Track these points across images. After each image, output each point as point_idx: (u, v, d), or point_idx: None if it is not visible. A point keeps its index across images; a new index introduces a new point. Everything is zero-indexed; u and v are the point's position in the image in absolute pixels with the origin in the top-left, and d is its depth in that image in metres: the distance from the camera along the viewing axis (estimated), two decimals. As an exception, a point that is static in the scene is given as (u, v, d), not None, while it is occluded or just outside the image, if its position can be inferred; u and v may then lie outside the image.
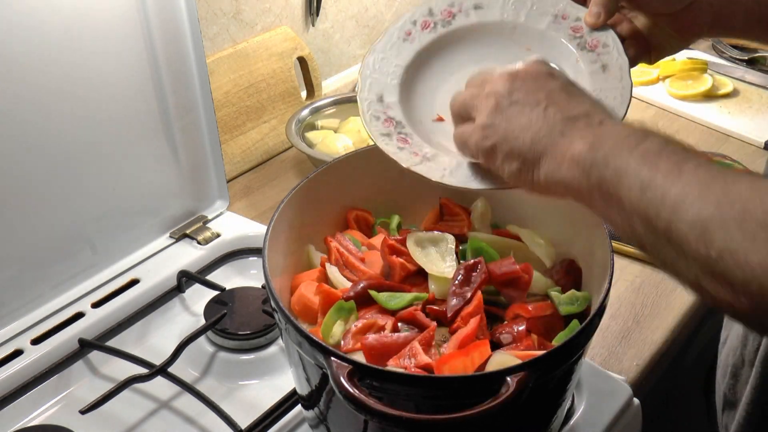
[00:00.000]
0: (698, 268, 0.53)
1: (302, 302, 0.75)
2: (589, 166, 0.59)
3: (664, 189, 0.55)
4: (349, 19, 1.53)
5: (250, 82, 1.29)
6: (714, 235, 0.51)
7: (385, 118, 0.80)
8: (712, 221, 0.52)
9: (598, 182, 0.59)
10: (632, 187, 0.57)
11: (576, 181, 0.61)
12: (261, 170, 1.31)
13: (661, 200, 0.55)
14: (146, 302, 0.98)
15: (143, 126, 1.00)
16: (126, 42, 0.94)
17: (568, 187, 0.62)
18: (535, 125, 0.63)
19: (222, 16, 1.29)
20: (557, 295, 0.73)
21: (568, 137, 0.62)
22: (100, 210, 0.98)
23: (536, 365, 0.60)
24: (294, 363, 0.71)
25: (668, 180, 0.55)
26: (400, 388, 0.61)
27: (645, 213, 0.56)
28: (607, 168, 0.58)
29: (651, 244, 0.57)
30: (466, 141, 0.68)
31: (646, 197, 0.56)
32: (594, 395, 0.84)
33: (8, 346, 0.90)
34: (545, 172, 0.62)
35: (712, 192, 0.53)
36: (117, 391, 0.83)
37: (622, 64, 0.77)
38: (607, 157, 0.59)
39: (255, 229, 1.09)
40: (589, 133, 0.61)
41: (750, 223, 0.50)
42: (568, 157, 0.61)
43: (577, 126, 0.62)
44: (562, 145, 0.62)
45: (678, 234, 0.53)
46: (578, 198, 0.62)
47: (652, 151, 0.57)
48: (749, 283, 0.50)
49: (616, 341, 0.96)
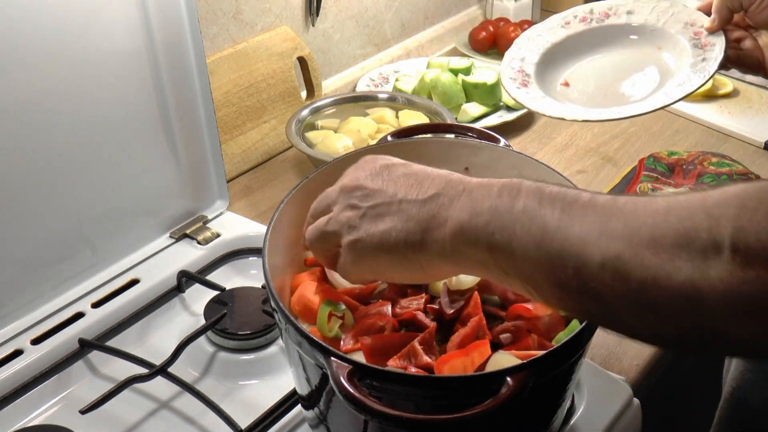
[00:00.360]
0: (621, 309, 0.50)
1: (302, 302, 0.75)
2: (474, 238, 0.56)
3: (562, 237, 0.52)
4: (349, 19, 1.53)
5: (250, 82, 1.30)
6: (629, 269, 0.49)
7: (518, 69, 1.10)
8: (621, 256, 0.49)
9: (490, 251, 0.55)
10: (526, 245, 0.53)
11: (465, 258, 0.57)
12: (261, 170, 1.31)
13: (561, 250, 0.52)
14: (146, 302, 0.98)
15: (143, 126, 1.00)
16: (126, 42, 0.94)
17: (460, 265, 0.59)
18: (399, 220, 0.60)
19: (222, 16, 1.29)
20: (557, 295, 0.73)
21: (440, 215, 0.58)
22: (100, 210, 0.98)
23: (536, 365, 0.60)
24: (294, 363, 0.71)
25: (562, 228, 0.52)
26: (400, 388, 0.61)
27: (547, 267, 0.52)
28: (494, 234, 0.55)
29: (567, 302, 0.54)
30: (347, 270, 0.65)
31: (544, 251, 0.52)
32: (594, 395, 0.84)
33: (8, 346, 0.90)
34: (432, 257, 0.59)
35: (612, 227, 0.50)
36: (117, 391, 0.83)
37: (717, 57, 1.00)
38: (490, 221, 0.55)
39: (255, 229, 1.09)
40: (459, 203, 0.58)
41: (663, 246, 0.48)
42: (449, 235, 0.57)
43: (441, 203, 0.59)
44: (437, 225, 0.58)
45: (590, 279, 0.50)
46: (470, 271, 0.60)
47: (532, 202, 0.54)
48: (678, 305, 0.48)
49: (616, 341, 0.96)
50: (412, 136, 0.89)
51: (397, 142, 0.87)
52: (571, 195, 0.54)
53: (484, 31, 1.68)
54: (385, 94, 1.38)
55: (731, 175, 1.20)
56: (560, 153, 1.37)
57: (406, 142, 0.87)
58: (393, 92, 1.42)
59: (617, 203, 0.52)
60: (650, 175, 1.23)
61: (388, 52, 1.64)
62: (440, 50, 1.74)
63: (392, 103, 1.35)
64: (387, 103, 1.35)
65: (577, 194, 0.54)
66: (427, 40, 1.72)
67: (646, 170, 1.24)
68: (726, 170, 1.21)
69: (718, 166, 1.23)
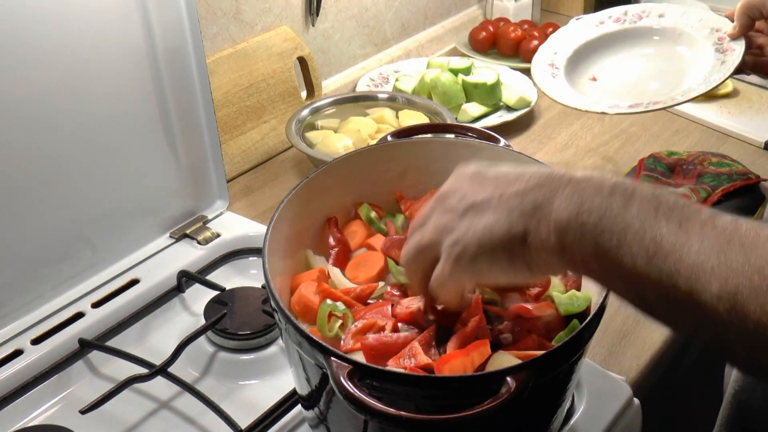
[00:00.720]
0: (734, 342, 0.48)
1: (302, 302, 0.75)
2: (579, 234, 0.53)
3: (677, 256, 0.49)
4: (349, 19, 1.53)
5: (250, 82, 1.30)
6: (747, 309, 0.46)
7: (549, 62, 1.21)
8: (740, 294, 0.47)
9: (595, 250, 0.53)
10: (637, 255, 0.51)
11: (570, 254, 0.55)
12: (261, 170, 1.31)
13: (674, 270, 0.49)
14: (146, 302, 0.98)
15: (143, 126, 1.00)
16: (126, 42, 0.94)
17: (565, 261, 0.56)
18: (501, 214, 0.58)
19: (222, 16, 1.29)
20: (557, 295, 0.73)
21: (544, 206, 0.56)
22: (100, 210, 0.98)
23: (536, 365, 0.60)
24: (294, 363, 0.71)
25: (678, 245, 0.49)
26: (400, 388, 0.61)
27: (657, 282, 0.50)
28: (602, 234, 0.52)
29: (666, 312, 0.52)
30: (445, 275, 0.61)
31: (655, 265, 0.50)
32: (594, 395, 0.84)
33: (8, 346, 0.90)
34: (537, 251, 0.57)
35: (732, 258, 0.48)
36: (117, 391, 0.83)
37: (734, 60, 1.07)
38: (600, 220, 0.52)
39: (255, 229, 1.09)
40: (564, 195, 0.55)
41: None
42: (553, 228, 0.55)
43: (545, 192, 0.56)
44: (542, 216, 0.56)
45: (703, 305, 0.48)
46: (574, 268, 0.58)
47: (647, 209, 0.51)
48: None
49: (616, 341, 0.96)
50: (412, 136, 0.89)
51: (397, 142, 0.87)
52: (689, 210, 0.51)
53: (484, 31, 1.68)
54: (385, 94, 1.38)
55: (731, 175, 1.20)
56: (560, 153, 1.37)
57: (406, 142, 0.87)
58: (393, 92, 1.42)
59: (739, 229, 0.49)
60: (650, 175, 1.23)
61: (388, 52, 1.64)
62: (440, 50, 1.74)
63: (392, 103, 1.35)
64: (387, 103, 1.35)
65: (696, 210, 0.51)
66: (427, 40, 1.72)
67: (646, 170, 1.24)
68: (726, 170, 1.21)
69: (718, 166, 1.23)
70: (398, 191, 0.87)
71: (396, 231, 0.83)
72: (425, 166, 0.86)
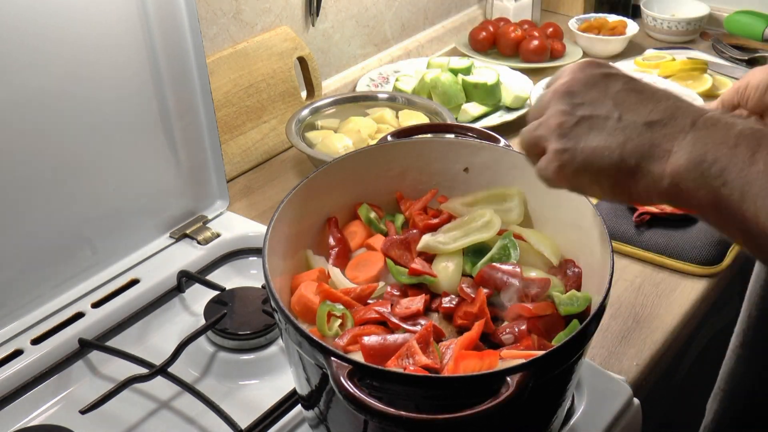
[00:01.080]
0: None
1: (302, 302, 0.75)
2: (698, 183, 0.52)
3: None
4: (349, 19, 1.53)
5: (250, 82, 1.30)
6: None
7: None
8: None
9: (714, 200, 0.52)
10: (760, 209, 0.49)
11: (683, 197, 0.54)
12: (261, 170, 1.31)
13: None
14: (146, 302, 0.98)
15: (143, 126, 1.00)
16: (126, 42, 0.94)
17: (674, 201, 0.55)
18: (615, 140, 0.56)
19: (222, 16, 1.29)
20: (557, 295, 0.73)
21: (662, 147, 0.54)
22: (100, 210, 0.98)
23: (536, 365, 0.60)
24: (294, 363, 0.71)
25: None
26: (400, 388, 0.61)
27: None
28: (724, 186, 0.51)
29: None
30: (546, 176, 0.61)
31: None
32: (594, 395, 0.84)
33: (8, 346, 0.90)
34: (644, 187, 0.56)
35: None
36: (117, 391, 0.83)
37: None
38: (722, 172, 0.51)
39: (255, 229, 1.09)
40: (686, 141, 0.53)
41: None
42: (669, 172, 0.54)
43: (665, 132, 0.55)
44: (657, 157, 0.54)
45: None
46: (684, 208, 0.56)
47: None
48: None
49: (616, 341, 0.96)
50: (412, 136, 0.89)
51: (397, 142, 0.87)
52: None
53: (484, 31, 1.68)
54: (385, 94, 1.38)
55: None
56: (560, 153, 1.37)
57: (406, 142, 0.87)
58: (393, 92, 1.42)
59: None
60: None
61: (388, 52, 1.64)
62: (440, 50, 1.74)
63: (392, 103, 1.35)
64: (387, 103, 1.35)
65: None
66: (427, 40, 1.72)
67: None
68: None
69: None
70: (398, 191, 0.87)
71: (396, 231, 0.83)
72: (425, 166, 0.86)
